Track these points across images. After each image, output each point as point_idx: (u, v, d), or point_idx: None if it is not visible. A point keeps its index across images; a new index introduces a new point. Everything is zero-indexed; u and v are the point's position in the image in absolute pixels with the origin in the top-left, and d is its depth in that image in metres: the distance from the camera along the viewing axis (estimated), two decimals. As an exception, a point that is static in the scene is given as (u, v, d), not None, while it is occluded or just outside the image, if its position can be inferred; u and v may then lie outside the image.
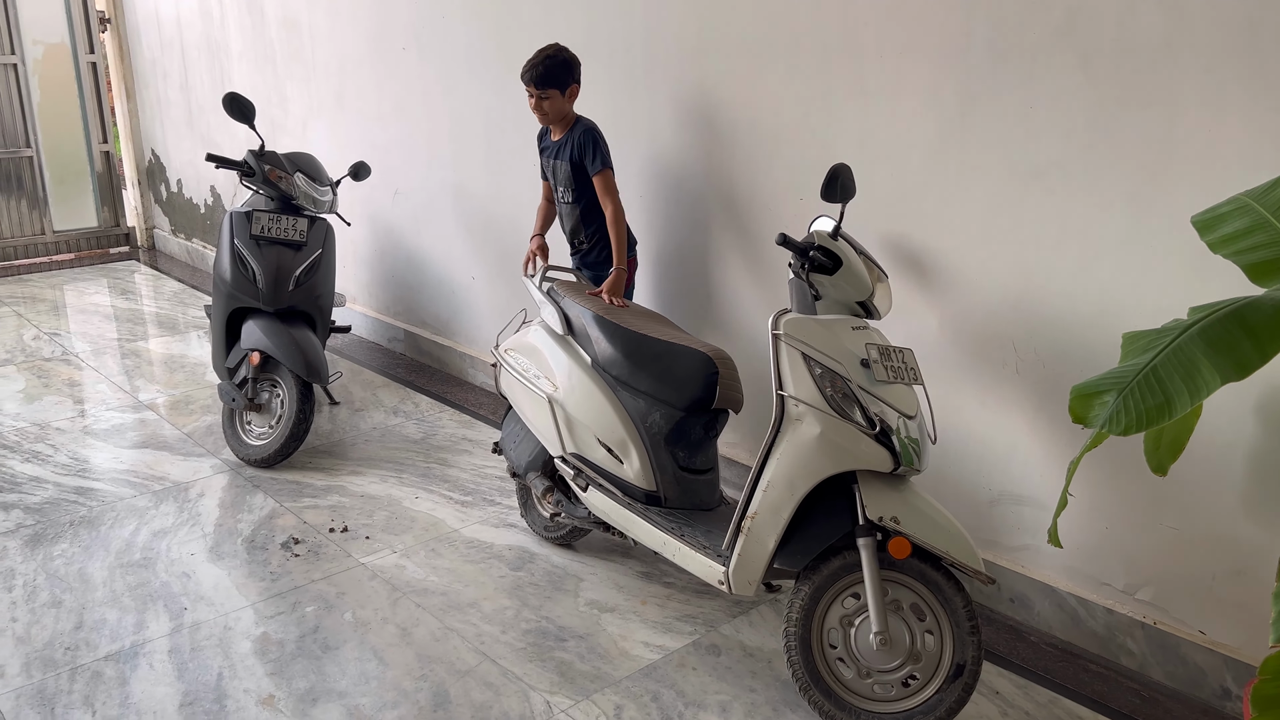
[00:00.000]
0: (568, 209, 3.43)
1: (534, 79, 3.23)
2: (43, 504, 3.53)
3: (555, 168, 3.38)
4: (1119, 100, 2.45)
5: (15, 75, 7.03)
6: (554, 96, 3.25)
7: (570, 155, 3.32)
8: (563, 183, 3.37)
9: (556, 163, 3.36)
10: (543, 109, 3.28)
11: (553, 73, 3.22)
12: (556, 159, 3.36)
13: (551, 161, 3.39)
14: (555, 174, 3.39)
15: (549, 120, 3.33)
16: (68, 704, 2.49)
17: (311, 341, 3.88)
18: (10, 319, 5.80)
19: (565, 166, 3.32)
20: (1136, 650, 2.69)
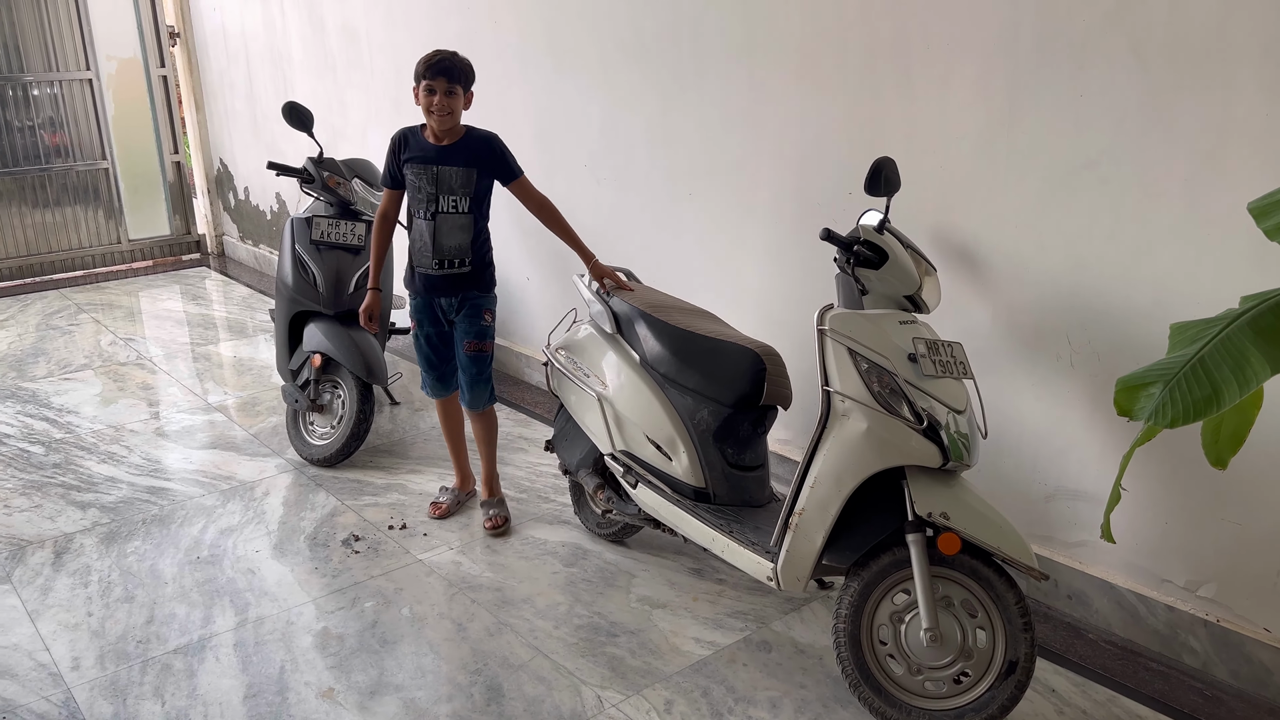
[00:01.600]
0: (455, 221, 3.17)
1: (446, 71, 3.03)
2: (117, 503, 3.66)
3: (442, 176, 3.12)
4: (1172, 87, 2.40)
5: (91, 90, 7.28)
6: (459, 95, 3.08)
7: (471, 160, 3.14)
8: (454, 192, 3.13)
9: (445, 169, 3.12)
10: (448, 106, 3.05)
11: (466, 70, 3.08)
12: (445, 165, 3.12)
13: (433, 169, 3.12)
14: (440, 183, 3.13)
15: (448, 122, 3.09)
16: (139, 695, 2.59)
17: (371, 343, 3.96)
18: (89, 325, 6.02)
19: (461, 174, 3.12)
20: (1199, 648, 2.62)
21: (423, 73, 3.04)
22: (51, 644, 2.81)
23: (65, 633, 2.86)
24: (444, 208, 3.14)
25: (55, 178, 7.29)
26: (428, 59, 3.04)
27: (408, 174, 3.15)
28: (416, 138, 3.16)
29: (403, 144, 3.17)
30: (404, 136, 3.18)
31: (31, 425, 4.41)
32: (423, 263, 3.21)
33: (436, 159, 3.12)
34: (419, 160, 3.13)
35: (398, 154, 3.17)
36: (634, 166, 4.02)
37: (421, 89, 3.05)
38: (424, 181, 3.13)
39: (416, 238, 3.19)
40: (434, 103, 3.04)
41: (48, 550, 3.32)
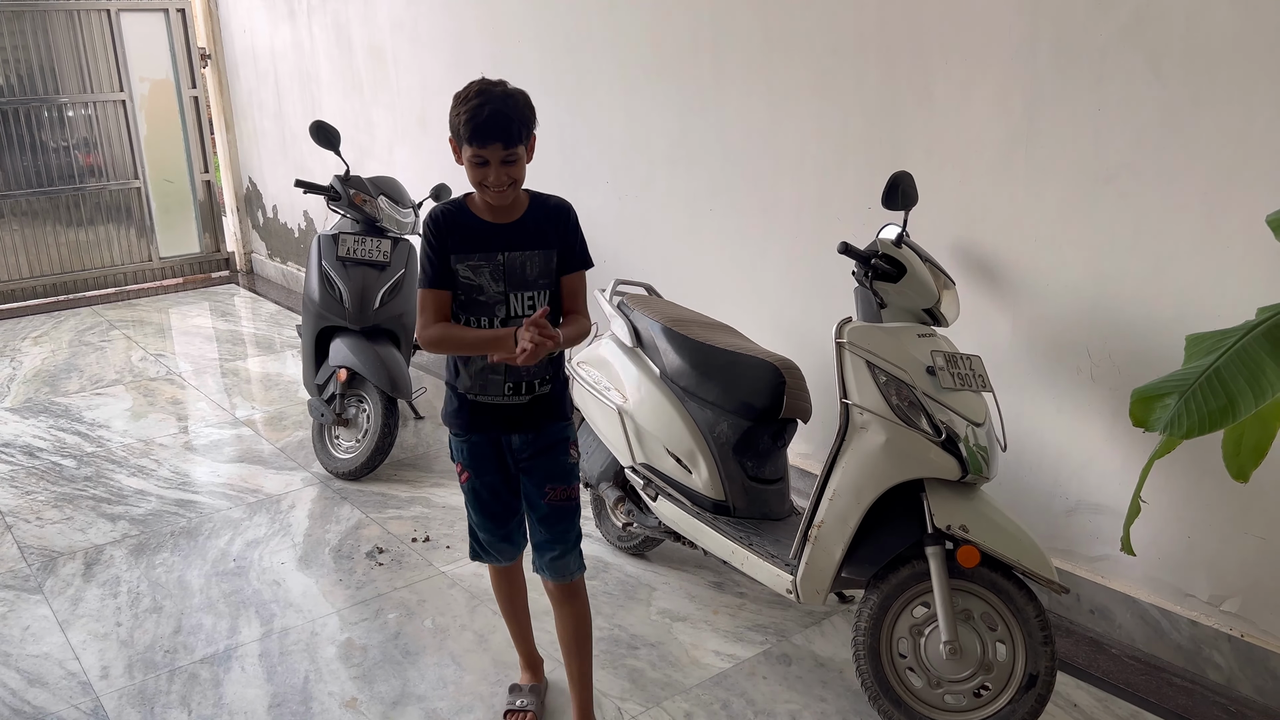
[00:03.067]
0: None
1: (503, 132, 2.08)
2: (146, 515, 3.72)
3: (513, 266, 2.21)
4: (1191, 99, 2.40)
5: (124, 111, 7.43)
6: (522, 158, 2.15)
7: (548, 238, 2.24)
8: (531, 285, 2.23)
9: (518, 256, 2.21)
10: (509, 177, 2.13)
11: (526, 118, 2.14)
12: (516, 250, 2.21)
13: (499, 259, 2.20)
14: (511, 276, 2.21)
15: (511, 195, 2.18)
16: (166, 704, 2.63)
17: (396, 358, 4.01)
18: (120, 341, 6.12)
19: (539, 259, 2.22)
20: (1224, 664, 2.60)
21: (468, 136, 2.07)
22: (81, 653, 2.86)
23: (95, 642, 2.91)
24: (519, 309, 2.22)
25: (89, 197, 7.44)
26: (472, 112, 2.06)
27: (462, 271, 2.19)
28: (465, 217, 2.21)
29: (447, 230, 2.19)
30: (446, 219, 2.20)
31: (64, 439, 4.49)
32: (488, 390, 2.27)
33: (503, 243, 2.20)
34: (478, 250, 2.19)
35: (443, 244, 2.19)
36: (655, 182, 4.05)
37: (467, 157, 2.11)
38: (488, 278, 2.20)
39: (475, 357, 2.26)
40: (489, 177, 2.11)
41: (78, 561, 3.38)
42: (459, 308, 2.23)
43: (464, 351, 2.24)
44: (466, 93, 2.08)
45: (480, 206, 2.21)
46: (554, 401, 2.35)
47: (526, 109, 2.13)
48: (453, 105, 2.10)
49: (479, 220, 2.21)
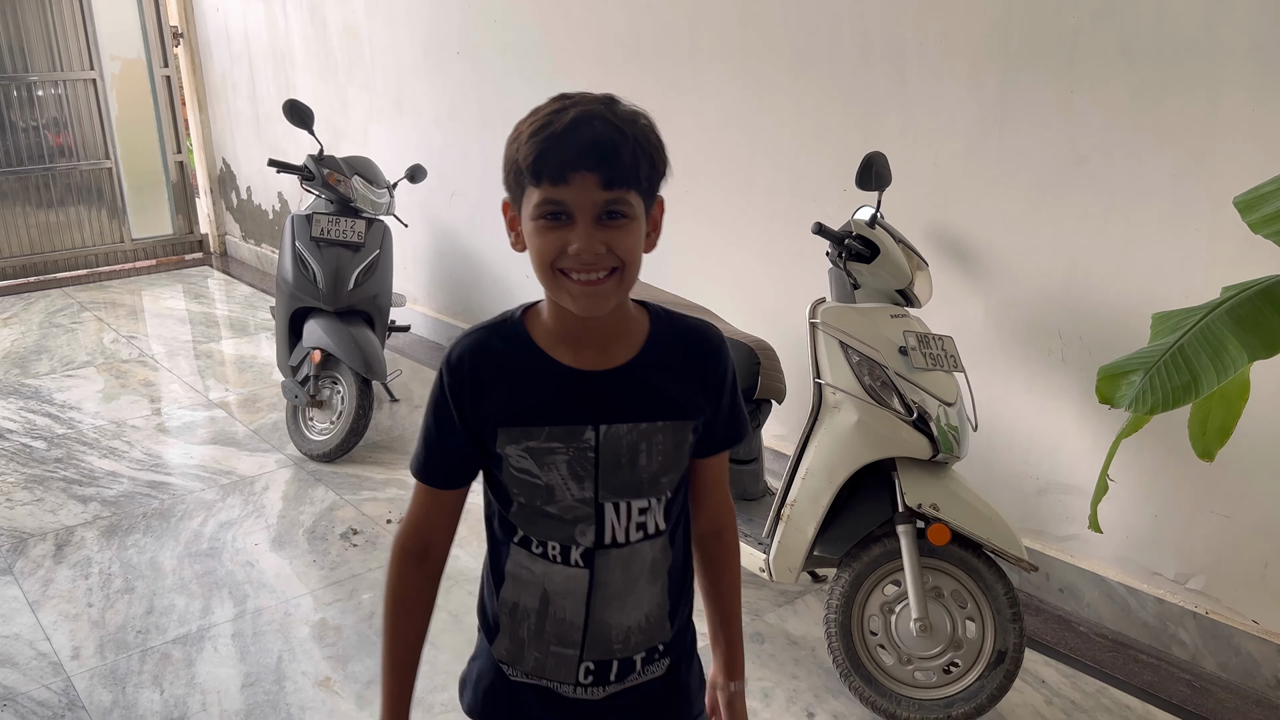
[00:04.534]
0: (641, 559, 1.28)
1: (608, 159, 1.12)
2: (118, 497, 3.69)
3: (616, 449, 1.23)
4: (1160, 84, 2.42)
5: (95, 90, 7.32)
6: (638, 219, 1.17)
7: (690, 401, 1.27)
8: (638, 488, 1.25)
9: (626, 433, 1.23)
10: (608, 251, 1.13)
11: (653, 156, 1.19)
12: (623, 421, 1.23)
13: (596, 433, 1.22)
14: (610, 467, 1.23)
15: (614, 298, 1.17)
16: (138, 683, 2.62)
17: (370, 340, 3.99)
18: (91, 323, 6.06)
19: (667, 439, 1.25)
20: (1188, 640, 2.65)
21: (535, 163, 1.12)
22: (52, 634, 2.84)
23: (66, 623, 2.89)
24: (615, 534, 1.26)
25: (59, 177, 7.34)
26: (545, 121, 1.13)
27: (514, 457, 1.22)
28: (521, 354, 1.24)
29: (484, 381, 1.23)
30: (481, 358, 1.24)
31: (34, 421, 4.45)
32: (547, 668, 1.31)
33: (598, 405, 1.23)
34: (547, 418, 1.22)
35: (470, 405, 1.23)
36: (632, 164, 4.04)
37: (532, 213, 1.14)
38: (564, 473, 1.23)
39: (530, 608, 1.30)
40: (571, 243, 1.13)
41: (49, 543, 3.35)
42: (512, 515, 1.27)
43: (387, 658, 1.36)
44: (538, 108, 1.16)
45: (552, 329, 1.21)
46: (676, 684, 1.35)
47: (652, 139, 1.18)
48: (510, 138, 1.16)
49: (547, 359, 1.21)
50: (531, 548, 1.28)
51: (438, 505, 1.35)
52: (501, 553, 1.33)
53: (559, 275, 1.14)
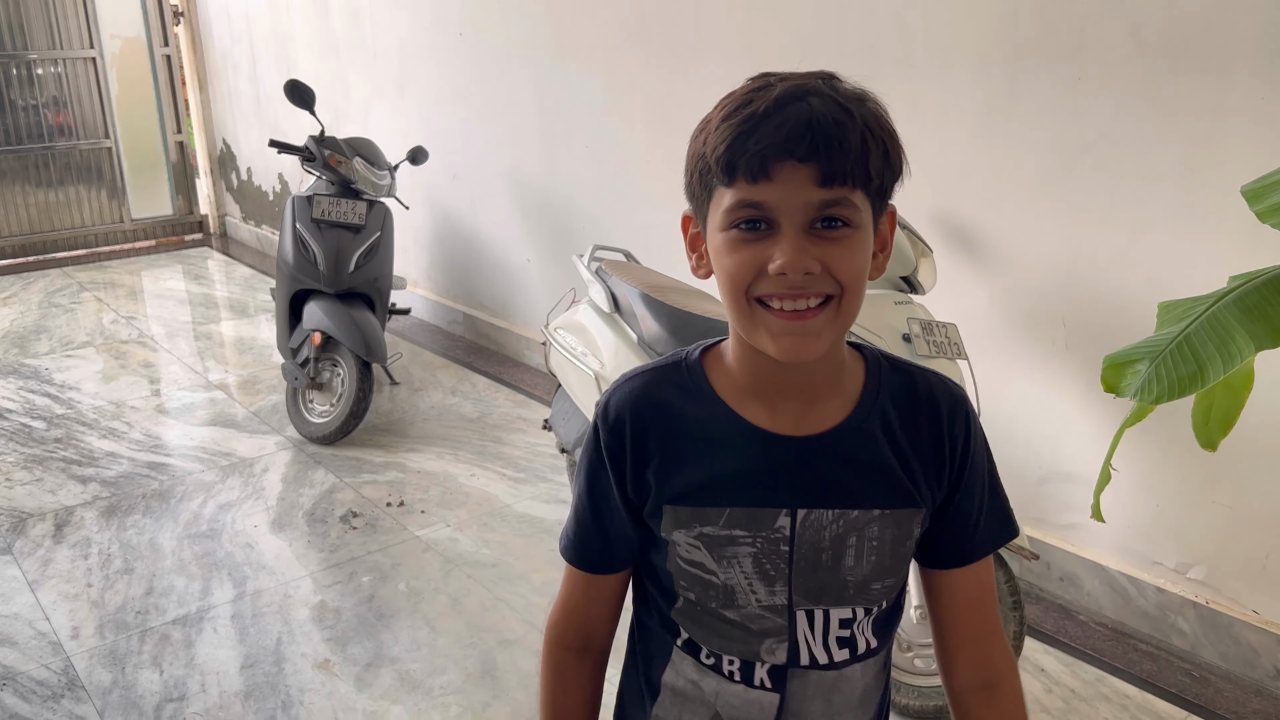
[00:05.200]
0: (851, 686, 0.99)
1: (829, 148, 0.84)
2: (118, 478, 3.69)
3: (815, 540, 0.93)
4: (1169, 70, 2.40)
5: (95, 69, 7.29)
6: (865, 227, 0.87)
7: (921, 483, 0.97)
8: (846, 594, 0.96)
9: (832, 521, 0.93)
10: (823, 270, 0.84)
11: (888, 148, 0.90)
12: (828, 505, 0.93)
13: (793, 519, 0.93)
14: (809, 564, 0.94)
15: (828, 338, 0.87)
16: (137, 664, 2.62)
17: (370, 322, 3.98)
18: (91, 304, 6.04)
19: (885, 530, 0.94)
20: (1188, 630, 2.64)
21: (728, 151, 0.86)
22: (51, 613, 2.84)
23: (65, 603, 2.89)
24: (812, 651, 0.97)
25: (58, 156, 7.31)
26: (744, 101, 0.89)
27: (684, 546, 0.95)
28: (688, 403, 0.96)
29: (639, 439, 0.96)
30: (641, 408, 0.97)
31: (33, 401, 4.44)
32: None
33: (796, 481, 0.93)
34: (727, 498, 0.93)
35: (635, 471, 0.97)
36: (635, 147, 4.02)
37: (721, 220, 0.88)
38: (747, 569, 0.94)
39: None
40: (775, 257, 0.84)
41: (48, 523, 3.35)
42: (675, 613, 1.00)
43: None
44: (735, 90, 0.93)
45: (740, 378, 0.95)
46: None
47: (885, 124, 0.93)
48: (696, 130, 0.93)
49: (734, 418, 0.94)
50: (700, 656, 0.97)
51: (598, 593, 1.04)
52: (656, 654, 1.00)
53: (755, 306, 0.86)
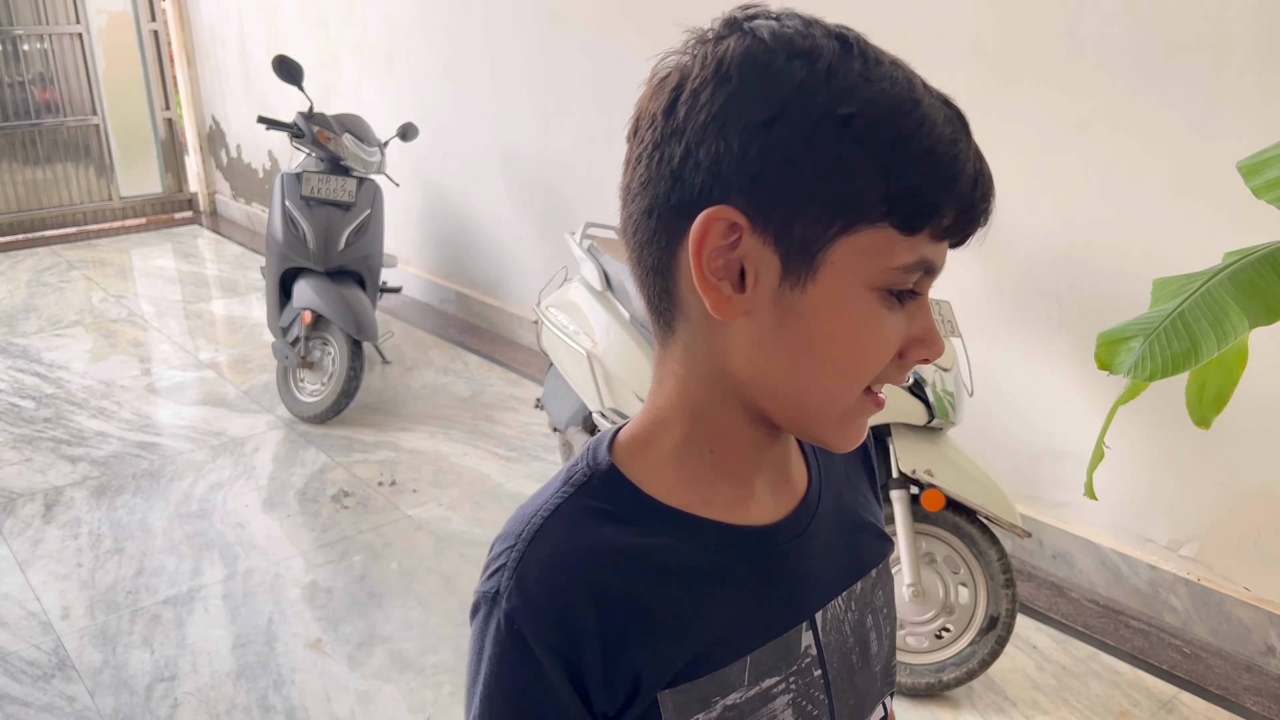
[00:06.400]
0: None
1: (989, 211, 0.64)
2: (108, 457, 3.67)
3: (842, 644, 0.74)
4: (1165, 45, 2.38)
5: (81, 44, 7.20)
6: None
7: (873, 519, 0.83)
8: (878, 687, 0.78)
9: (853, 611, 0.75)
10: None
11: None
12: (835, 594, 0.74)
13: (817, 626, 0.72)
14: (845, 672, 0.74)
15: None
16: (128, 644, 2.61)
17: (361, 300, 3.95)
18: (80, 282, 6.00)
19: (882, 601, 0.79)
20: (1180, 607, 2.65)
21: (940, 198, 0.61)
22: (42, 594, 2.83)
23: (55, 583, 2.88)
24: None
25: (46, 133, 7.23)
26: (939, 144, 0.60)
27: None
28: (638, 529, 0.67)
29: (601, 617, 0.64)
30: (586, 568, 0.65)
31: (22, 380, 4.41)
32: None
33: (798, 589, 0.72)
34: (739, 641, 0.68)
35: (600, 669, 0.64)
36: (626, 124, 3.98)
37: (885, 270, 0.61)
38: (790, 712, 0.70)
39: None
40: (926, 328, 0.65)
41: (38, 503, 3.33)
42: None
43: None
44: (890, 97, 0.60)
45: (694, 469, 0.69)
46: None
47: None
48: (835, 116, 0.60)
49: (707, 527, 0.68)
50: None
51: None
52: None
53: (861, 393, 0.66)
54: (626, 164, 0.68)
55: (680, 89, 0.63)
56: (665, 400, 0.69)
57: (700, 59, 0.63)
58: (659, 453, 0.69)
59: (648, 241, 0.66)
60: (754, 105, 0.60)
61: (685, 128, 0.62)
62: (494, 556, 0.67)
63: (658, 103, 0.65)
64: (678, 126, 0.63)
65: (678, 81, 0.64)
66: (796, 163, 0.59)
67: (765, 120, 0.59)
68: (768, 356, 0.64)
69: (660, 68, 0.68)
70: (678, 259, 0.64)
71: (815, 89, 0.59)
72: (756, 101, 0.60)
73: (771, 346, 0.63)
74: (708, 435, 0.68)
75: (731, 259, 0.62)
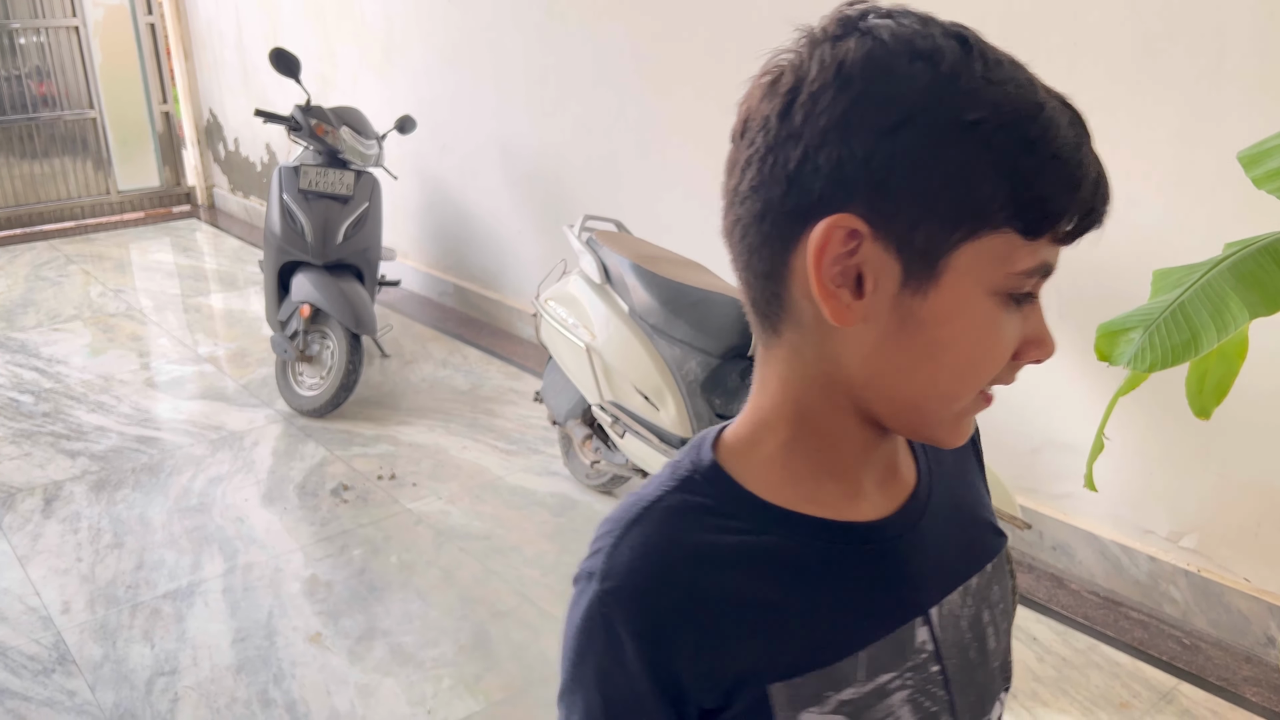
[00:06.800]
0: None
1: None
2: (107, 452, 3.67)
3: (960, 639, 0.73)
4: (1166, 34, 2.37)
5: (78, 37, 7.18)
6: None
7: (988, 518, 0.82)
8: (994, 686, 0.77)
9: (968, 604, 0.74)
10: None
11: None
12: (951, 588, 0.73)
13: (932, 620, 0.71)
14: (965, 672, 0.73)
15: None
16: (128, 638, 2.61)
17: (360, 294, 3.95)
18: (78, 276, 5.99)
19: (999, 594, 0.78)
20: (1179, 598, 2.65)
21: (1064, 202, 0.62)
22: (42, 588, 2.83)
23: (55, 577, 2.88)
24: None
25: (43, 128, 7.22)
26: (1063, 147, 0.61)
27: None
28: (743, 528, 0.67)
29: (700, 612, 0.64)
30: (682, 562, 0.66)
31: (20, 375, 4.40)
32: None
33: (913, 582, 0.71)
34: (854, 634, 0.68)
35: (701, 664, 0.65)
36: (625, 116, 3.98)
37: (1008, 275, 0.62)
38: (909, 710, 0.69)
39: None
40: (1042, 328, 0.65)
41: (37, 497, 3.33)
42: None
43: None
44: (1015, 101, 0.61)
45: (800, 466, 0.69)
46: None
47: None
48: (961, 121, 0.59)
49: (816, 525, 0.68)
50: None
51: None
52: None
53: (968, 375, 0.64)
54: (733, 166, 0.68)
55: (796, 91, 0.62)
56: (769, 402, 0.69)
57: (818, 60, 0.62)
58: (764, 452, 0.69)
59: (759, 246, 0.65)
60: (878, 110, 0.59)
61: (803, 131, 0.61)
62: (597, 537, 0.69)
63: (771, 105, 0.63)
64: (795, 130, 0.61)
65: (793, 83, 0.62)
66: (922, 169, 0.59)
67: (890, 126, 0.59)
68: (885, 361, 0.63)
69: (769, 67, 0.66)
70: (790, 264, 0.63)
71: (940, 93, 0.59)
72: (880, 106, 0.59)
73: (889, 352, 0.63)
74: (814, 436, 0.68)
75: (849, 265, 0.61)
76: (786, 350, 0.67)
